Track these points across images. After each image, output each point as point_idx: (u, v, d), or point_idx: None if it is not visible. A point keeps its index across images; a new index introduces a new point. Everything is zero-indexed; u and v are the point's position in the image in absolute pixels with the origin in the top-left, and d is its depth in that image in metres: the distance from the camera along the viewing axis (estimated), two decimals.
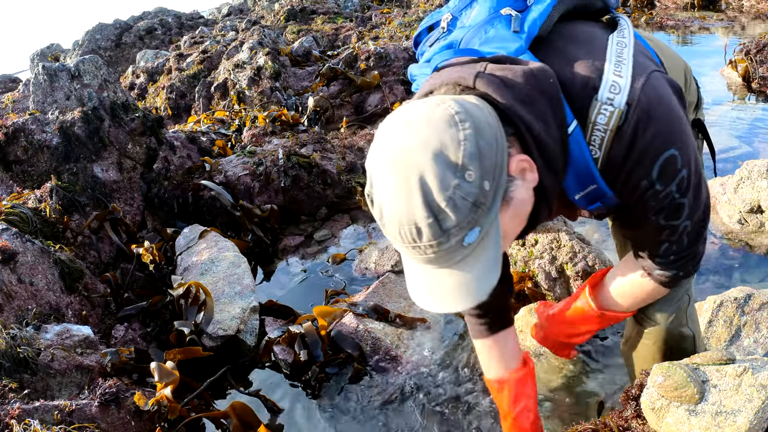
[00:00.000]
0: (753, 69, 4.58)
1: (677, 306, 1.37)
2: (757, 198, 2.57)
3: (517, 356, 1.48)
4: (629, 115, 1.00)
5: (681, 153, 1.03)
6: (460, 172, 0.84)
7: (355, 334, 2.17)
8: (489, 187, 0.87)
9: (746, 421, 1.07)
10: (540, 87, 0.98)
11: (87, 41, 10.64)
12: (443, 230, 0.85)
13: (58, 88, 3.51)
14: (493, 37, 1.08)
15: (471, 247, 0.89)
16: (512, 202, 0.95)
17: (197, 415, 1.83)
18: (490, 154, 0.87)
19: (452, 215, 0.85)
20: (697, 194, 1.10)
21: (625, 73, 1.01)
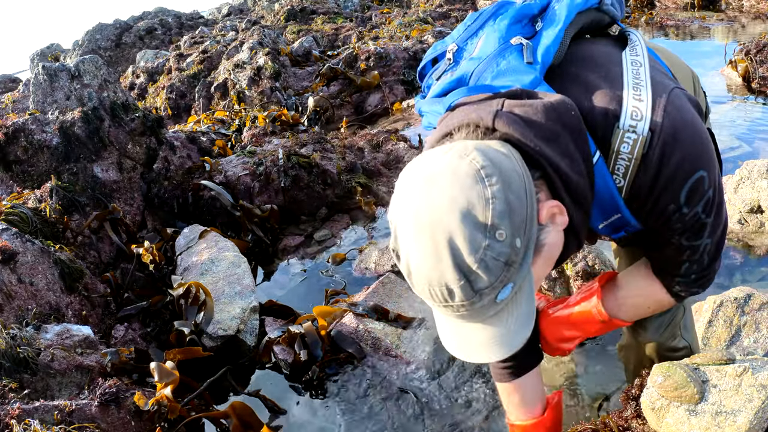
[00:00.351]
0: (753, 69, 4.58)
1: (671, 318, 1.37)
2: (757, 198, 2.57)
3: (540, 399, 1.42)
4: (654, 142, 0.96)
5: (708, 174, 0.99)
6: (490, 233, 0.81)
7: (355, 334, 2.17)
8: (520, 244, 0.84)
9: (746, 421, 1.07)
10: (562, 121, 0.94)
11: (87, 41, 10.64)
12: (475, 291, 0.83)
13: (58, 88, 3.51)
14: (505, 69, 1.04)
15: (504, 303, 0.87)
16: (543, 249, 0.92)
17: (197, 415, 1.83)
18: (520, 209, 0.84)
19: (484, 276, 0.82)
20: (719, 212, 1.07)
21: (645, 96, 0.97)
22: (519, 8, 1.09)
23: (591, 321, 1.33)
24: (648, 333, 1.37)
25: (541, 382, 1.45)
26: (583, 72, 1.03)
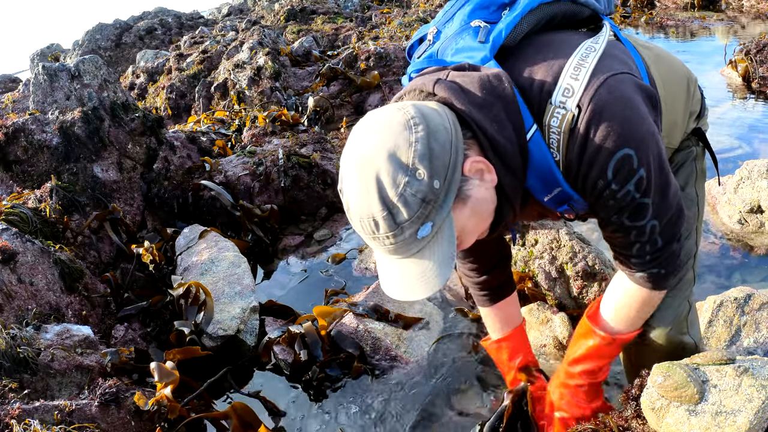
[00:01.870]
0: (753, 69, 4.58)
1: (676, 313, 1.37)
2: (757, 198, 2.57)
3: (515, 320, 1.61)
4: (580, 118, 1.02)
5: (637, 153, 1.03)
6: (410, 172, 0.93)
7: (355, 334, 2.17)
8: (439, 186, 0.94)
9: (746, 421, 1.07)
10: (496, 92, 1.03)
11: (87, 41, 10.64)
12: (397, 223, 0.95)
13: (58, 88, 3.51)
14: (462, 47, 1.14)
15: (425, 240, 0.98)
16: (469, 200, 1.01)
17: (197, 415, 1.83)
18: (442, 156, 0.95)
19: (404, 210, 0.93)
20: (664, 195, 1.11)
21: (582, 76, 1.03)
22: None
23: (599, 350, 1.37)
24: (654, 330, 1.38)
25: (517, 309, 1.63)
26: (535, 53, 1.10)
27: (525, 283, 2.27)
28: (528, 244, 2.37)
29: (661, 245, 1.18)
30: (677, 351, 1.39)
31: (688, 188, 1.43)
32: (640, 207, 1.10)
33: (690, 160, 1.44)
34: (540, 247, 2.31)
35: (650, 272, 1.23)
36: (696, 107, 1.45)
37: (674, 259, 1.23)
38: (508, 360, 1.60)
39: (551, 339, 2.03)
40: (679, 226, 1.19)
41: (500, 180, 1.05)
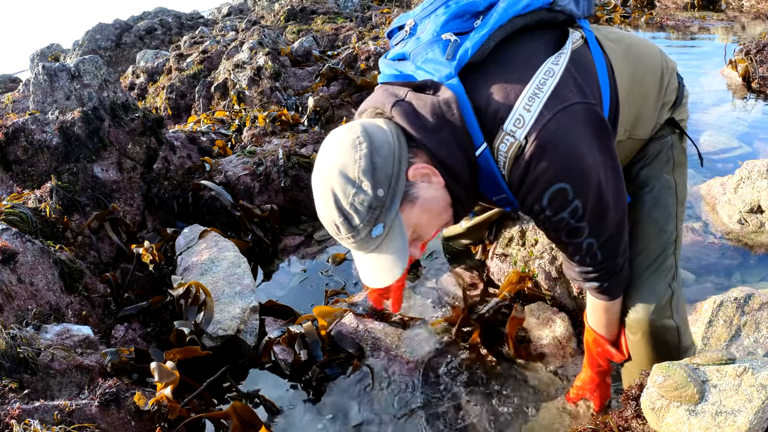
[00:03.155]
0: (753, 69, 4.58)
1: (657, 298, 1.42)
2: (757, 198, 2.57)
3: None
4: (525, 149, 1.12)
5: (573, 187, 1.14)
6: (356, 185, 1.10)
7: (355, 334, 2.17)
8: (383, 194, 1.11)
9: (746, 421, 1.07)
10: (444, 118, 1.14)
11: (87, 41, 10.64)
12: (353, 227, 1.13)
13: (58, 88, 3.51)
14: (430, 59, 1.22)
15: (380, 238, 1.14)
16: (418, 201, 1.16)
17: (197, 415, 1.83)
18: (384, 167, 1.10)
19: (355, 216, 1.12)
20: (601, 218, 1.21)
21: (534, 107, 1.12)
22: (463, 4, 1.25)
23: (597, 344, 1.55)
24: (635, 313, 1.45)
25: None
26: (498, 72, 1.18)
27: (525, 283, 2.27)
28: (528, 244, 2.37)
29: (601, 259, 1.29)
30: (659, 333, 1.44)
31: (665, 176, 1.48)
32: (576, 229, 1.22)
33: (666, 148, 1.48)
34: (540, 247, 2.31)
35: (592, 285, 1.36)
36: (671, 97, 1.49)
37: (617, 273, 1.35)
38: None
39: (551, 339, 2.03)
40: (619, 243, 1.30)
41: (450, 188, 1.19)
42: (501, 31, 1.20)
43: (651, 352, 1.48)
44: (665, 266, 1.43)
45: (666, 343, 1.45)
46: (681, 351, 1.48)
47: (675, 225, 1.46)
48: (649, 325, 1.43)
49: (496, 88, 1.15)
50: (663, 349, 1.46)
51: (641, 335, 1.45)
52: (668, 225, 1.44)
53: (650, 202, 1.46)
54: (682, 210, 1.50)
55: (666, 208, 1.45)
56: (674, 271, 1.45)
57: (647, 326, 1.43)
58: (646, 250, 1.44)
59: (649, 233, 1.45)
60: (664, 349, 1.46)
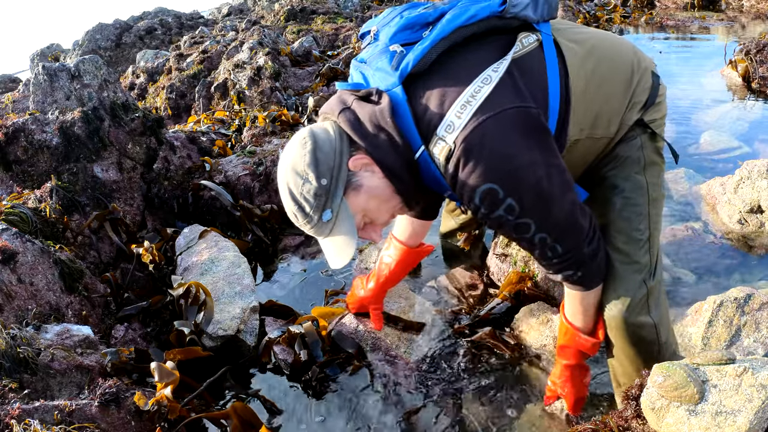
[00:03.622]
0: (753, 69, 4.58)
1: (630, 295, 1.46)
2: (757, 198, 2.57)
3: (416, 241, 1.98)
4: (453, 153, 1.22)
5: (503, 187, 1.22)
6: (303, 177, 1.28)
7: (355, 334, 2.17)
8: (326, 183, 1.27)
9: (746, 421, 1.07)
10: (380, 125, 1.27)
11: (87, 41, 10.64)
12: (306, 214, 1.31)
13: (58, 88, 3.51)
14: (380, 67, 1.34)
15: (330, 223, 1.31)
16: (362, 188, 1.32)
17: (197, 415, 1.83)
18: (326, 161, 1.27)
19: (305, 204, 1.29)
20: (546, 213, 1.28)
21: (465, 114, 1.21)
22: (414, 16, 1.36)
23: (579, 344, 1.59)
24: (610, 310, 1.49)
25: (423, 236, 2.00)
26: (438, 82, 1.28)
27: (525, 283, 2.27)
28: None
29: (563, 251, 1.34)
30: (633, 329, 1.48)
31: (636, 176, 1.50)
32: (520, 225, 1.29)
33: (635, 149, 1.50)
34: None
35: (565, 274, 1.40)
36: (641, 97, 1.50)
37: (588, 263, 1.39)
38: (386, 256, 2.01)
39: (551, 339, 2.03)
40: (577, 235, 1.34)
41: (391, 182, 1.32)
42: (445, 42, 1.29)
43: (628, 348, 1.52)
44: (638, 264, 1.47)
45: (643, 340, 1.50)
46: (661, 347, 1.52)
47: (648, 224, 1.49)
48: (623, 321, 1.47)
49: (433, 96, 1.26)
50: (641, 345, 1.51)
51: (617, 332, 1.50)
52: (640, 224, 1.47)
53: (621, 202, 1.49)
54: (657, 209, 1.53)
55: (637, 207, 1.48)
56: (649, 269, 1.48)
57: (621, 323, 1.48)
58: (617, 250, 1.48)
59: (620, 233, 1.48)
60: (642, 346, 1.51)
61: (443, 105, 1.24)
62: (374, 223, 1.41)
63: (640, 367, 1.55)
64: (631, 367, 1.56)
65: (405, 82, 1.29)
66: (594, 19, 7.39)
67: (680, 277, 2.34)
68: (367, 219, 1.39)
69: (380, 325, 2.16)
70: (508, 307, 2.25)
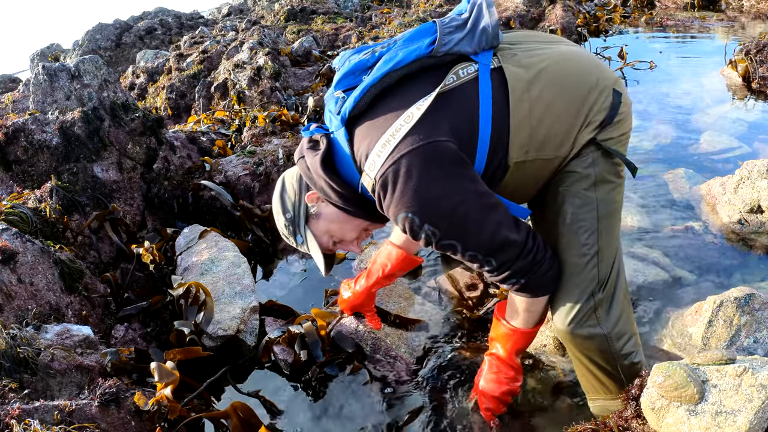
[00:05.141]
0: (753, 69, 4.58)
1: (574, 308, 1.51)
2: (757, 198, 2.57)
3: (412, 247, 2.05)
4: (375, 187, 1.40)
5: (417, 215, 1.37)
6: (277, 214, 1.64)
7: (355, 334, 2.17)
8: (291, 216, 1.60)
9: (746, 421, 1.07)
10: (317, 174, 1.48)
11: (87, 41, 10.64)
12: (286, 237, 1.66)
13: (58, 88, 3.51)
14: (330, 110, 1.53)
15: (304, 245, 1.63)
16: (321, 216, 1.58)
17: (197, 415, 1.83)
18: (288, 200, 1.60)
19: (285, 230, 1.64)
20: (468, 236, 1.39)
21: (384, 152, 1.37)
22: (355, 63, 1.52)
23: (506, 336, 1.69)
24: (555, 324, 1.56)
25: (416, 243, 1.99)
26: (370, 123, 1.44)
27: None
28: None
29: (497, 265, 1.43)
30: (583, 342, 1.54)
31: (585, 193, 1.52)
32: (446, 246, 1.42)
33: (584, 167, 1.52)
34: None
35: (510, 282, 1.48)
36: (597, 117, 1.51)
37: (531, 272, 1.46)
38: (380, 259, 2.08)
39: (551, 339, 2.03)
40: (508, 250, 1.42)
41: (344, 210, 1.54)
42: (377, 86, 1.43)
43: (582, 357, 1.57)
44: (584, 278, 1.51)
45: (594, 350, 1.54)
46: (615, 356, 1.54)
47: (596, 239, 1.52)
48: (569, 333, 1.53)
49: (364, 136, 1.42)
50: (593, 355, 1.55)
51: (566, 343, 1.58)
52: (588, 239, 1.51)
53: (570, 218, 1.52)
54: (609, 223, 1.55)
55: (584, 223, 1.51)
56: (598, 281, 1.51)
57: (567, 335, 1.54)
58: (566, 263, 1.53)
59: (569, 247, 1.52)
60: (594, 356, 1.55)
61: (369, 145, 1.40)
62: (344, 241, 1.64)
63: (597, 376, 1.59)
64: (589, 376, 1.60)
65: (348, 123, 1.46)
66: (594, 19, 7.38)
67: (680, 277, 2.34)
68: (335, 238, 1.62)
69: (379, 324, 2.18)
70: None
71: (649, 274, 2.31)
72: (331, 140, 1.50)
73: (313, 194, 1.56)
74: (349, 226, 1.59)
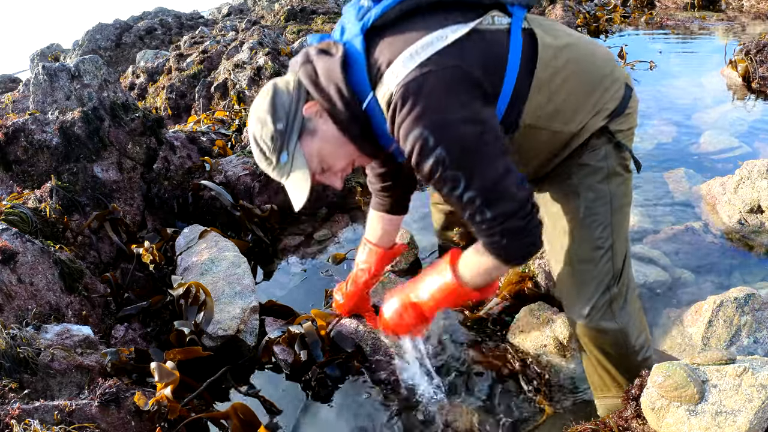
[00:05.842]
0: (753, 69, 4.58)
1: (593, 302, 1.49)
2: (757, 198, 2.58)
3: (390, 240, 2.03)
4: (393, 97, 1.29)
5: (433, 134, 1.26)
6: (262, 123, 1.39)
7: (356, 334, 2.17)
8: (282, 126, 1.37)
9: (746, 421, 1.07)
10: (331, 78, 1.35)
11: (87, 41, 10.64)
12: (266, 156, 1.42)
13: (58, 88, 3.51)
14: (349, 18, 1.41)
15: (288, 165, 1.42)
16: (317, 133, 1.40)
17: (197, 415, 1.83)
18: (282, 107, 1.38)
19: (264, 147, 1.41)
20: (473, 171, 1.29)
21: (411, 64, 1.27)
22: None
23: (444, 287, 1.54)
24: (572, 317, 1.54)
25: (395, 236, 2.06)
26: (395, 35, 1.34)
27: (525, 283, 2.27)
28: None
29: (490, 216, 1.32)
30: (599, 336, 1.52)
31: (598, 186, 1.52)
32: (449, 179, 1.31)
33: (598, 159, 1.52)
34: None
35: (492, 240, 1.37)
36: (610, 105, 1.51)
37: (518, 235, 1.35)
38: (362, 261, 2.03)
39: (551, 339, 2.03)
40: (507, 202, 1.32)
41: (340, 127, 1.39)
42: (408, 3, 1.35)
43: (596, 352, 1.56)
44: (599, 271, 1.50)
45: (609, 345, 1.53)
46: (629, 351, 1.54)
47: (610, 232, 1.51)
48: (585, 327, 1.52)
49: (387, 46, 1.32)
50: (608, 349, 1.54)
51: (582, 337, 1.55)
52: (603, 233, 1.50)
53: (584, 211, 1.52)
54: (621, 217, 1.55)
55: (598, 216, 1.51)
56: (613, 275, 1.50)
57: (583, 329, 1.52)
58: (579, 257, 1.51)
59: (583, 241, 1.51)
60: (609, 350, 1.54)
61: (393, 53, 1.31)
62: (332, 169, 1.48)
63: (610, 371, 1.57)
64: (601, 371, 1.59)
65: (368, 34, 1.36)
66: (594, 19, 7.38)
67: (680, 277, 2.34)
68: (324, 164, 1.46)
69: (376, 323, 2.16)
70: (508, 307, 2.25)
71: (649, 274, 2.31)
72: (347, 48, 1.36)
73: (313, 105, 1.39)
74: (342, 151, 1.44)
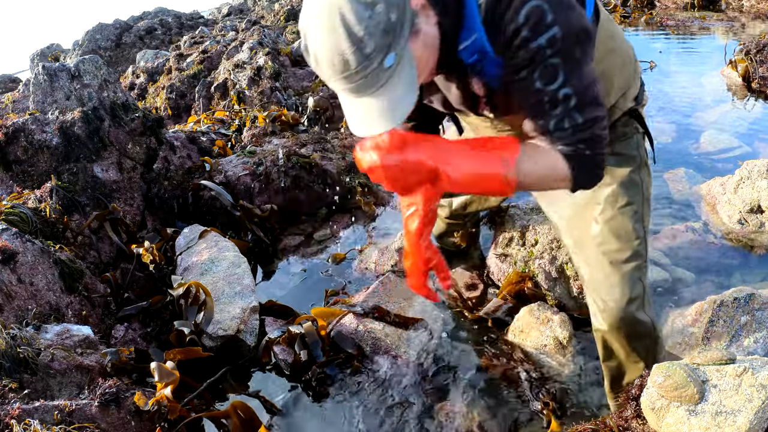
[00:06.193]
0: (753, 69, 4.58)
1: (629, 292, 1.47)
2: (757, 198, 2.58)
3: None
4: None
5: (552, 9, 1.10)
6: (371, 7, 1.01)
7: (355, 335, 2.17)
8: (395, 18, 1.03)
9: (746, 421, 1.07)
10: None
11: (87, 41, 10.64)
12: (365, 55, 1.03)
13: (58, 88, 3.51)
14: None
15: (391, 70, 1.07)
16: (420, 33, 1.11)
17: (197, 415, 1.83)
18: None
19: (370, 41, 1.02)
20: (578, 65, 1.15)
21: None
22: None
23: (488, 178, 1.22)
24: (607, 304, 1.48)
25: None
26: None
27: (525, 283, 2.27)
28: (528, 244, 2.37)
29: (581, 121, 1.18)
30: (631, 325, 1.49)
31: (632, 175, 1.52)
32: (551, 66, 1.14)
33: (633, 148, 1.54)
34: (540, 247, 2.31)
35: (576, 147, 1.20)
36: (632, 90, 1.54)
37: (600, 144, 1.22)
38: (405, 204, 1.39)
39: (551, 339, 2.03)
40: (597, 110, 1.19)
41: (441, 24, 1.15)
42: None
43: (628, 344, 1.53)
44: (636, 262, 1.49)
45: (641, 336, 1.51)
46: (656, 343, 1.54)
47: (643, 223, 1.52)
48: (622, 318, 1.48)
49: None
50: (639, 341, 1.51)
51: (622, 326, 1.49)
52: (637, 222, 1.50)
53: (621, 201, 1.51)
54: (648, 207, 1.57)
55: (634, 206, 1.51)
56: (644, 268, 1.50)
57: (624, 319, 1.48)
58: (616, 247, 1.49)
59: (618, 231, 1.50)
60: (640, 341, 1.52)
61: None
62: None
63: (638, 362, 1.56)
64: (630, 363, 1.57)
65: None
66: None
67: (680, 277, 2.34)
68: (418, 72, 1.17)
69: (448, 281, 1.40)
70: (508, 307, 2.25)
71: (650, 274, 2.31)
72: None
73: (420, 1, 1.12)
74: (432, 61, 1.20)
